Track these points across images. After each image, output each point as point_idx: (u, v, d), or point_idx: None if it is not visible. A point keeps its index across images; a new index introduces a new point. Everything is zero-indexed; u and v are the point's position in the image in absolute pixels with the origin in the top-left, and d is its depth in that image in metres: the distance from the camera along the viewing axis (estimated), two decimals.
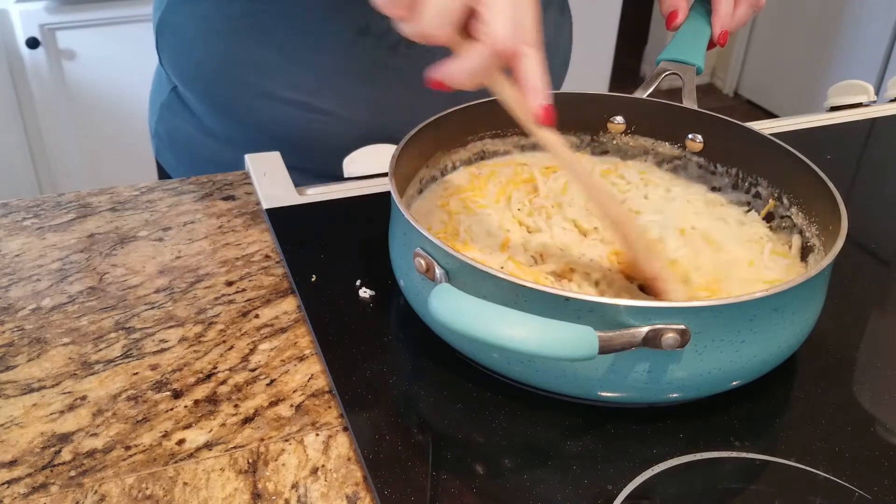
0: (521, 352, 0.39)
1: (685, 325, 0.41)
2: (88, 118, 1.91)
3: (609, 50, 2.55)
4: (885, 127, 0.86)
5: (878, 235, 0.67)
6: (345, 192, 0.69)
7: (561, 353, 0.39)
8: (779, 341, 0.46)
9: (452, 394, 0.48)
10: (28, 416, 0.47)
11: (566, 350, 0.39)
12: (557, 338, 0.39)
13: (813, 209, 0.55)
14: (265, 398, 0.48)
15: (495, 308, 0.40)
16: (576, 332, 0.40)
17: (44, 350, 0.51)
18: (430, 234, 0.46)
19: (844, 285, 0.58)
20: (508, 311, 0.40)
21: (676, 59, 0.65)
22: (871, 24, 2.65)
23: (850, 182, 0.77)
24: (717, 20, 0.65)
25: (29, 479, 0.43)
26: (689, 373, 0.44)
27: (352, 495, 0.42)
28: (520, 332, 0.39)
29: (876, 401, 0.49)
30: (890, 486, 0.43)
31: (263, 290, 0.57)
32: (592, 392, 0.45)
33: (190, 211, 0.67)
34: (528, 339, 0.39)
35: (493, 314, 0.40)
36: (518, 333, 0.39)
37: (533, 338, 0.39)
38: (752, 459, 0.44)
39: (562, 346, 0.39)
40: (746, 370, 0.46)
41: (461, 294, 0.40)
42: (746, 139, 0.60)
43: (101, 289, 0.57)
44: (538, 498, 0.42)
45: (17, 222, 0.64)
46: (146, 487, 0.42)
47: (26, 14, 1.75)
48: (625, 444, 0.45)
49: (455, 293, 0.40)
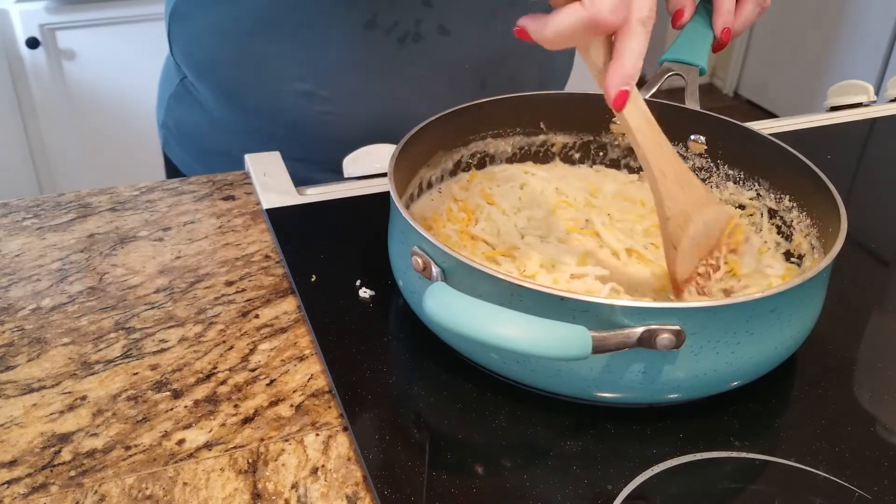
0: (514, 351, 0.39)
1: (680, 325, 0.41)
2: (88, 118, 1.91)
3: None
4: (885, 127, 0.86)
5: (878, 235, 0.67)
6: (345, 192, 0.69)
7: (553, 352, 0.39)
8: (776, 343, 0.46)
9: (452, 394, 0.48)
10: (28, 416, 0.47)
11: (559, 349, 0.39)
12: (550, 337, 0.39)
13: (814, 211, 0.55)
14: (265, 398, 0.48)
15: (488, 307, 0.40)
16: (569, 331, 0.40)
17: (44, 350, 0.51)
18: (426, 233, 0.45)
19: (844, 285, 0.58)
20: (501, 309, 0.39)
21: (680, 59, 0.65)
22: (871, 24, 2.65)
23: (850, 182, 0.77)
24: (718, 18, 0.65)
25: (29, 479, 0.43)
26: (685, 374, 0.44)
27: (352, 495, 0.42)
28: (513, 331, 0.39)
29: (876, 401, 0.49)
30: (890, 486, 0.43)
31: (263, 290, 0.57)
32: (588, 392, 0.45)
33: (190, 211, 0.67)
34: (520, 339, 0.39)
35: (487, 313, 0.39)
36: (511, 332, 0.39)
37: (525, 337, 0.39)
38: (752, 459, 0.44)
39: (554, 346, 0.39)
40: (744, 371, 0.46)
41: (455, 293, 0.40)
42: (749, 140, 0.60)
43: (101, 289, 0.57)
44: (538, 498, 0.42)
45: (17, 222, 0.64)
46: (146, 487, 0.42)
47: (26, 14, 1.75)
48: (625, 444, 0.45)
49: (449, 292, 0.40)
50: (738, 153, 0.62)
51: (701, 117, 0.63)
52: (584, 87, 0.67)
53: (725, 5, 0.65)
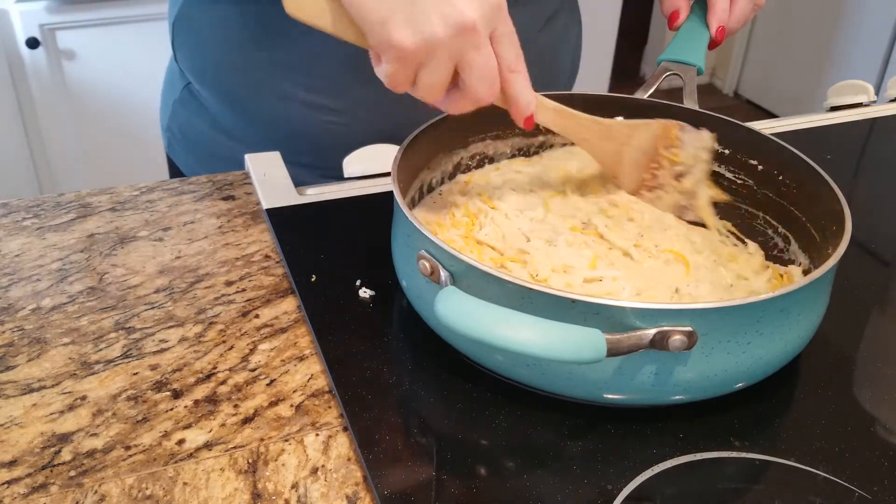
0: (529, 355, 0.39)
1: (692, 326, 0.41)
2: (88, 118, 1.91)
3: (609, 50, 2.55)
4: (885, 127, 0.86)
5: (878, 235, 0.67)
6: (345, 192, 0.69)
7: (569, 355, 0.39)
8: (785, 342, 0.46)
9: (452, 394, 0.48)
10: (28, 416, 0.47)
11: (574, 353, 0.39)
12: (566, 340, 0.39)
13: (816, 210, 0.55)
14: (265, 398, 0.48)
15: (502, 311, 0.40)
16: (584, 334, 0.40)
17: (44, 350, 0.51)
18: (434, 237, 0.45)
19: (845, 285, 0.58)
20: (515, 313, 0.39)
21: (677, 59, 0.65)
22: (871, 24, 2.65)
23: (850, 182, 0.77)
24: (713, 16, 0.65)
25: (29, 479, 0.43)
26: (695, 375, 0.44)
27: (352, 495, 0.42)
28: (528, 335, 0.39)
29: (876, 401, 0.49)
30: (890, 486, 0.43)
31: (263, 290, 0.57)
32: (598, 394, 0.45)
33: (190, 211, 0.67)
34: (536, 342, 0.39)
35: (501, 317, 0.39)
36: (526, 336, 0.39)
37: (541, 340, 0.39)
38: (752, 459, 0.44)
39: (570, 349, 0.39)
40: (752, 371, 0.46)
41: (468, 297, 0.40)
42: (748, 140, 0.60)
43: (101, 289, 0.57)
44: (538, 498, 0.42)
45: (17, 222, 0.64)
46: (146, 487, 0.42)
47: (26, 14, 1.75)
48: (625, 445, 0.45)
49: (461, 296, 0.40)
50: (738, 153, 0.62)
51: (699, 116, 0.63)
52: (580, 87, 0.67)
53: (720, 4, 0.65)
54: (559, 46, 0.83)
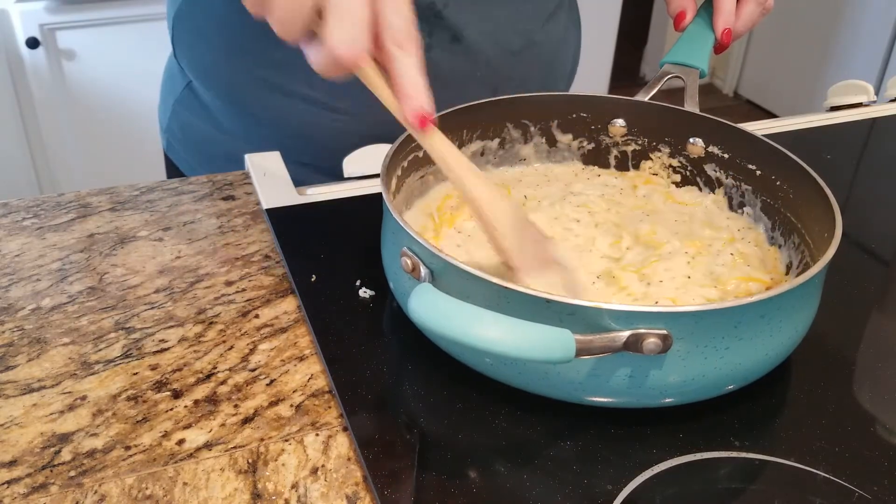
0: (496, 353, 0.39)
1: (667, 330, 0.41)
2: (88, 118, 1.91)
3: (609, 50, 2.55)
4: (885, 127, 0.86)
5: (877, 235, 0.67)
6: (345, 192, 0.69)
7: (536, 354, 0.39)
8: (766, 349, 0.45)
9: (452, 394, 0.48)
10: (28, 416, 0.47)
11: (541, 352, 0.39)
12: (534, 340, 0.39)
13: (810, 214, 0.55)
14: (265, 398, 0.48)
15: (471, 309, 0.39)
16: (552, 334, 0.39)
17: (44, 350, 0.51)
18: (416, 234, 0.45)
19: (844, 285, 0.58)
20: (485, 311, 0.39)
21: (680, 62, 0.65)
22: (871, 24, 2.65)
23: (849, 182, 0.77)
24: (719, 18, 0.65)
25: (29, 479, 0.43)
26: (674, 378, 0.43)
27: (352, 495, 0.42)
28: (494, 333, 0.39)
29: (876, 401, 0.49)
30: (890, 486, 0.43)
31: (263, 290, 0.57)
32: (577, 396, 0.45)
33: (190, 211, 0.67)
34: (502, 341, 0.39)
35: (470, 315, 0.39)
36: (492, 334, 0.39)
37: (508, 339, 0.39)
38: (751, 459, 0.44)
39: (538, 348, 0.39)
40: (735, 376, 0.45)
41: (439, 294, 0.40)
42: (747, 144, 0.60)
43: (101, 289, 0.57)
44: (537, 498, 0.42)
45: (17, 222, 0.64)
46: (146, 487, 0.42)
47: (26, 14, 1.75)
48: (624, 445, 0.45)
49: (433, 293, 0.40)
50: (737, 157, 0.62)
51: (699, 120, 0.62)
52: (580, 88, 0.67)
53: (726, 6, 0.64)
54: (558, 47, 0.83)
